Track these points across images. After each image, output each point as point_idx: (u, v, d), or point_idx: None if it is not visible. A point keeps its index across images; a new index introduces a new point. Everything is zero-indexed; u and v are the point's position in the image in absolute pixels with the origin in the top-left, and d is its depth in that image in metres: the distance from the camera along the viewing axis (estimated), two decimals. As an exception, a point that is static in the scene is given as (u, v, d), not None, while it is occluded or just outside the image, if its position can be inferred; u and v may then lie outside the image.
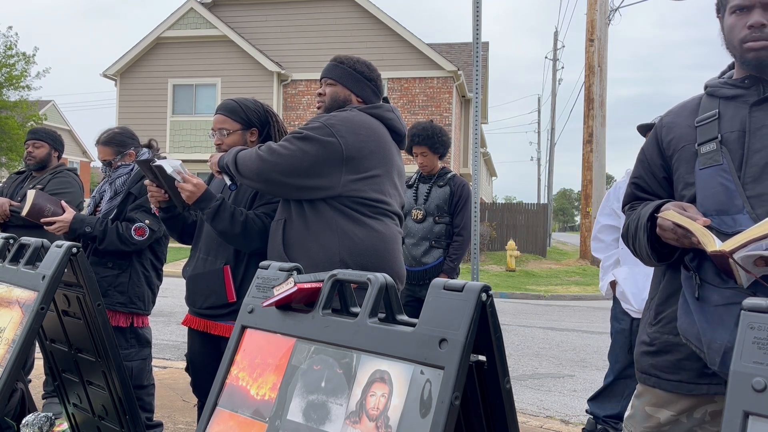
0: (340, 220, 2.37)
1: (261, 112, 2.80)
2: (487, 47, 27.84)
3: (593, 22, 9.52)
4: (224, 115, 2.75)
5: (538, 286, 15.45)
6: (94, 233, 3.15)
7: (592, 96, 9.45)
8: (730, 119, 1.69)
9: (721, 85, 1.77)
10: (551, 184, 33.17)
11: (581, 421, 4.47)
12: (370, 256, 2.38)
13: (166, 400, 4.32)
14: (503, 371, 1.25)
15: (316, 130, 2.37)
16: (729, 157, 1.65)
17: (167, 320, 7.93)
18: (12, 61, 22.65)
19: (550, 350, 7.38)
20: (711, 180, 1.66)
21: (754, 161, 1.62)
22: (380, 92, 2.64)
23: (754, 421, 1.00)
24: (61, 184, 4.06)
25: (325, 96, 2.58)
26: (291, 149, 2.34)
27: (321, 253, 2.35)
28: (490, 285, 1.27)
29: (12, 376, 2.05)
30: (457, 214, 4.20)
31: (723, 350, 1.57)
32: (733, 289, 1.58)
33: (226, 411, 1.50)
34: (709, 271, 1.64)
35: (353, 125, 2.41)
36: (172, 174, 2.55)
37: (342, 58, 2.62)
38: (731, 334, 1.55)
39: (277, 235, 2.46)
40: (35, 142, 4.17)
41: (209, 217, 2.56)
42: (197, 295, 2.76)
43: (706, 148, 1.69)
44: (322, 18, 21.66)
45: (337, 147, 2.35)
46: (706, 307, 1.63)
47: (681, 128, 1.78)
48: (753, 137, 1.64)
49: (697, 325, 1.63)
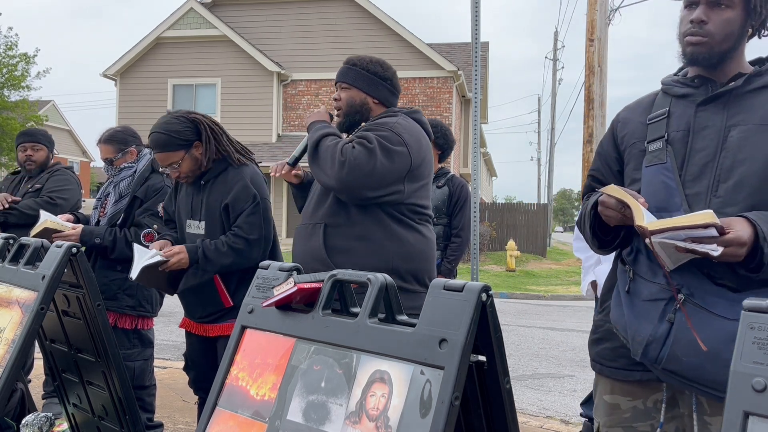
0: (395, 227, 2.38)
1: (190, 126, 2.74)
2: (486, 47, 27.83)
3: (593, 22, 9.52)
4: (164, 152, 2.71)
5: (538, 286, 15.45)
6: (104, 244, 3.16)
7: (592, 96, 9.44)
8: (678, 118, 1.74)
9: (673, 83, 1.81)
10: (551, 184, 33.14)
11: (581, 421, 4.46)
12: (420, 261, 2.41)
13: (166, 400, 4.32)
14: (503, 371, 1.25)
15: (391, 141, 2.33)
16: (673, 156, 1.70)
17: (167, 320, 7.93)
18: (14, 61, 22.64)
19: (550, 350, 7.38)
20: (654, 178, 1.72)
21: (694, 161, 1.67)
22: (397, 90, 2.60)
23: (754, 421, 1.00)
24: (60, 182, 4.06)
25: (341, 101, 2.54)
26: (373, 162, 2.29)
27: (373, 258, 2.34)
28: (490, 285, 1.27)
29: (12, 376, 2.05)
30: (455, 215, 4.18)
31: (645, 343, 1.65)
32: (659, 285, 1.65)
33: (226, 411, 1.50)
34: (643, 265, 1.72)
35: (415, 134, 2.41)
36: (154, 262, 2.60)
37: (354, 60, 2.57)
38: (654, 328, 1.64)
39: (316, 240, 2.40)
40: (34, 144, 4.12)
41: (202, 265, 2.63)
42: (194, 306, 2.78)
43: (653, 146, 1.75)
44: (322, 18, 21.65)
45: (407, 158, 2.35)
46: (635, 301, 1.71)
47: (634, 124, 1.84)
48: (696, 137, 1.69)
49: (625, 317, 1.72)
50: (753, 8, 1.67)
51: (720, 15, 1.67)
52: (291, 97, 22.12)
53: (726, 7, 1.67)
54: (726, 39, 1.68)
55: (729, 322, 1.55)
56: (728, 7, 1.67)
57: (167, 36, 22.21)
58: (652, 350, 1.64)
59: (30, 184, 4.17)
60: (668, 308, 1.63)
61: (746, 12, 1.68)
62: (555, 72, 33.06)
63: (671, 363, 1.61)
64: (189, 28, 22.05)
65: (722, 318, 1.56)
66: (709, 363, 1.56)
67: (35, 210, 4.02)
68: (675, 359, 1.61)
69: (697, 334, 1.57)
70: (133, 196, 3.26)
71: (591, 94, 9.44)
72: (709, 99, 1.70)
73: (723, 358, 1.53)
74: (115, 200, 3.28)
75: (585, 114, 9.53)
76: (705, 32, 1.68)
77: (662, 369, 1.64)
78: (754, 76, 1.69)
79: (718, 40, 1.68)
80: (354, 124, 2.53)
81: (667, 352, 1.62)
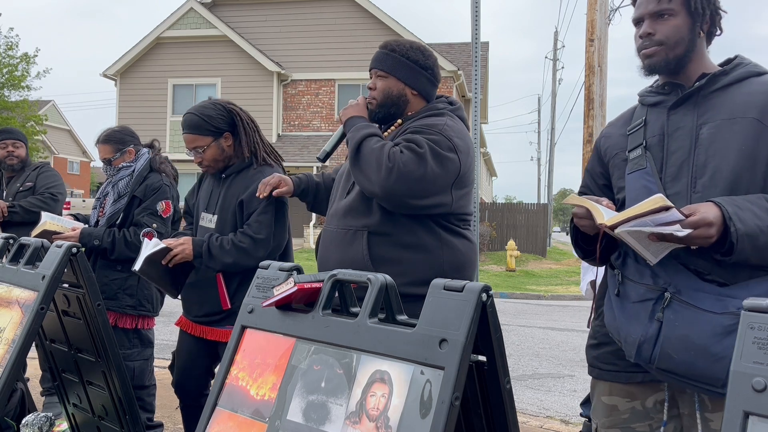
0: (445, 235, 2.23)
1: (225, 115, 2.74)
2: (486, 47, 27.83)
3: (593, 22, 9.52)
4: (192, 133, 2.70)
5: (538, 286, 15.44)
6: (103, 245, 3.16)
7: (592, 96, 9.44)
8: (653, 124, 1.82)
9: (647, 94, 1.90)
10: (551, 184, 33.13)
11: (581, 421, 4.47)
12: (468, 267, 2.30)
13: (166, 400, 4.32)
14: (503, 371, 1.25)
15: (442, 146, 2.15)
16: (652, 160, 1.78)
17: (167, 320, 7.92)
18: (14, 62, 22.65)
19: (550, 350, 7.37)
20: (636, 183, 1.79)
21: (671, 162, 1.75)
22: (437, 81, 2.39)
23: (754, 421, 1.00)
24: (51, 178, 4.31)
25: (375, 91, 2.32)
26: (423, 169, 2.10)
27: (424, 268, 2.17)
28: (490, 285, 1.26)
29: (12, 376, 2.04)
30: None
31: (637, 343, 1.69)
32: (646, 285, 1.71)
33: (226, 411, 1.50)
34: (630, 268, 1.77)
35: (464, 138, 2.24)
36: (158, 250, 2.58)
37: (393, 45, 2.33)
38: (644, 329, 1.68)
39: (358, 247, 2.20)
40: (15, 142, 4.35)
41: (205, 261, 2.60)
42: (192, 303, 2.77)
43: (633, 154, 1.83)
44: (322, 18, 21.65)
45: (456, 165, 2.17)
46: (625, 303, 1.76)
47: (615, 138, 1.93)
48: (670, 139, 1.77)
49: (617, 320, 1.77)
50: (695, 11, 1.76)
51: (665, 24, 1.77)
52: (291, 97, 22.12)
53: (669, 16, 1.77)
54: (677, 44, 1.77)
55: (717, 316, 1.59)
56: (671, 16, 1.77)
57: (167, 36, 22.21)
58: (644, 350, 1.68)
59: (19, 183, 4.27)
60: (656, 308, 1.67)
61: (690, 16, 1.77)
62: (555, 72, 33.06)
63: (663, 361, 1.65)
64: (189, 28, 22.06)
65: (710, 313, 1.60)
66: (700, 358, 1.59)
67: (39, 207, 4.10)
68: (667, 357, 1.64)
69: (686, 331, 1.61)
70: (132, 195, 3.26)
71: (591, 94, 9.44)
72: (679, 102, 1.78)
73: (713, 352, 1.57)
74: (113, 200, 3.28)
75: (585, 114, 9.52)
76: (655, 42, 1.79)
77: (656, 368, 1.68)
78: (719, 75, 1.76)
79: (670, 47, 1.77)
80: (389, 116, 2.33)
81: (659, 351, 1.65)
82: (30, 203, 4.13)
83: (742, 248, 1.54)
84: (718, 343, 1.57)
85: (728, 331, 1.56)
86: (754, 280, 1.61)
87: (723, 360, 1.55)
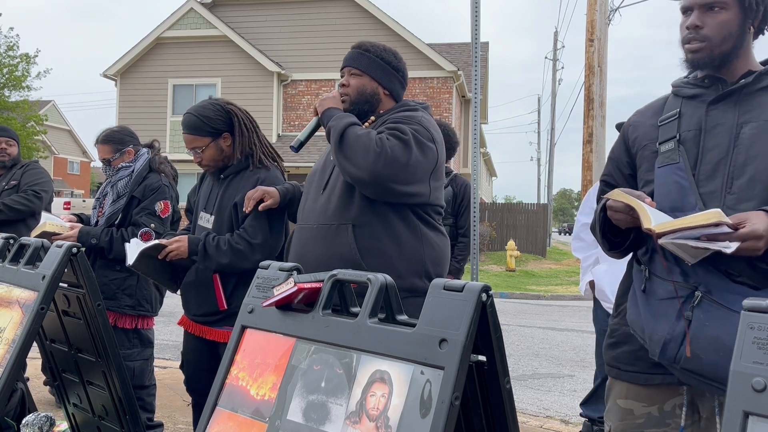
0: (422, 228, 2.26)
1: (224, 115, 2.75)
2: (486, 47, 27.81)
3: (593, 22, 9.52)
4: (191, 134, 2.72)
5: (538, 286, 15.44)
6: (100, 245, 3.16)
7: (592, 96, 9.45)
8: (689, 118, 1.74)
9: (683, 85, 1.81)
10: (551, 184, 33.16)
11: (581, 421, 4.47)
12: (443, 264, 2.33)
13: (166, 400, 4.32)
14: (503, 371, 1.25)
15: (423, 135, 2.20)
16: (685, 155, 1.70)
17: (167, 320, 7.92)
18: (15, 62, 22.66)
19: (550, 350, 7.38)
20: (667, 178, 1.71)
21: (707, 159, 1.67)
22: (406, 84, 2.46)
23: (754, 421, 1.00)
24: (37, 176, 4.32)
25: (349, 87, 2.36)
26: (408, 155, 2.15)
27: (406, 261, 2.21)
28: (490, 285, 1.26)
29: (12, 376, 2.04)
30: (461, 215, 4.17)
31: (663, 342, 1.63)
32: (676, 283, 1.64)
33: (226, 411, 1.50)
34: (658, 264, 1.70)
35: (437, 131, 2.30)
36: (152, 245, 2.59)
37: (367, 46, 2.40)
38: (671, 326, 1.62)
39: (345, 241, 2.21)
40: (8, 140, 4.38)
41: (200, 260, 2.61)
42: (191, 302, 2.78)
43: (665, 147, 1.75)
44: (322, 18, 21.64)
45: (435, 155, 2.23)
46: (651, 300, 1.69)
47: (645, 127, 1.84)
48: (708, 136, 1.69)
49: (641, 316, 1.70)
50: (748, 6, 1.67)
51: (715, 18, 1.68)
52: (291, 97, 22.11)
53: (720, 9, 1.67)
54: (725, 41, 1.68)
55: None
56: (722, 9, 1.67)
57: (167, 36, 22.20)
58: (670, 349, 1.62)
59: (5, 181, 4.29)
60: (686, 306, 1.61)
61: (742, 11, 1.68)
62: (555, 72, 33.06)
63: (690, 362, 1.59)
64: (189, 28, 22.05)
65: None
66: (727, 360, 1.54)
67: (25, 204, 4.13)
68: (694, 358, 1.58)
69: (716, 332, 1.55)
70: (131, 195, 3.26)
71: (591, 94, 9.44)
72: (720, 97, 1.70)
73: None
74: (113, 200, 3.29)
75: (585, 114, 9.52)
76: (702, 37, 1.68)
77: (681, 368, 1.62)
78: (765, 74, 1.69)
79: (717, 43, 1.68)
80: (361, 114, 2.35)
81: (684, 350, 1.59)
82: (13, 200, 4.15)
83: None
84: None
85: None
86: None
87: None
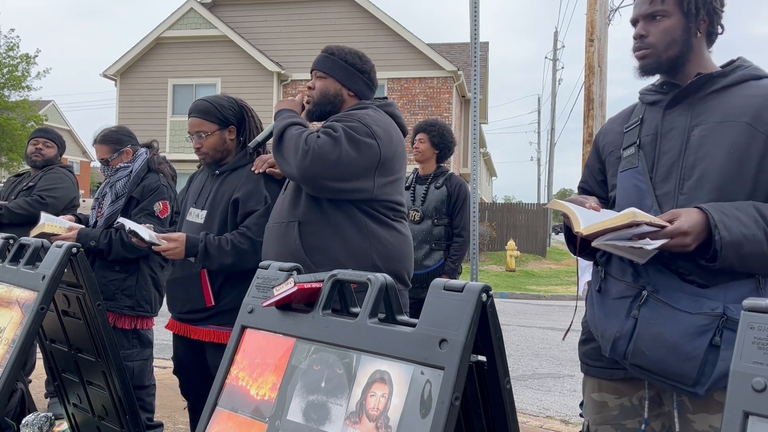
0: (370, 224, 2.29)
1: (236, 109, 2.77)
2: (486, 47, 27.81)
3: (593, 22, 9.52)
4: (199, 117, 2.72)
5: (538, 286, 15.45)
6: (99, 246, 3.15)
7: (592, 96, 9.44)
8: (649, 123, 1.82)
9: (646, 92, 1.89)
10: (551, 184, 33.12)
11: (581, 421, 4.47)
12: (398, 259, 2.35)
13: (166, 400, 4.32)
14: (503, 371, 1.25)
15: (358, 132, 2.24)
16: (644, 159, 1.78)
17: (166, 320, 7.93)
18: (15, 62, 22.67)
19: (550, 350, 7.38)
20: (627, 182, 1.79)
21: (662, 162, 1.74)
22: (374, 85, 2.50)
23: (754, 422, 1.00)
24: (52, 181, 4.18)
25: (314, 90, 2.44)
26: (338, 151, 2.20)
27: (351, 257, 2.26)
28: (490, 285, 1.26)
29: (12, 376, 2.04)
30: (456, 214, 4.17)
31: (613, 339, 1.71)
32: (626, 283, 1.72)
33: (226, 411, 1.50)
34: (614, 265, 1.78)
35: (385, 127, 2.33)
36: (150, 240, 2.60)
37: (333, 49, 2.47)
38: (621, 324, 1.70)
39: (291, 239, 2.30)
40: (47, 141, 4.29)
41: (200, 261, 2.60)
42: (176, 300, 2.77)
43: (627, 152, 1.83)
44: (322, 18, 21.65)
45: (376, 150, 2.26)
46: (605, 299, 1.78)
47: (613, 134, 1.93)
48: (663, 139, 1.76)
49: (596, 315, 1.79)
50: (688, 12, 1.74)
51: (658, 26, 1.76)
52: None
53: (662, 17, 1.76)
54: (669, 46, 1.76)
55: (691, 316, 1.59)
56: (664, 17, 1.76)
57: (167, 36, 22.21)
58: (619, 346, 1.70)
59: (25, 183, 4.22)
60: (633, 305, 1.69)
61: (684, 17, 1.75)
62: (555, 72, 33.05)
63: (636, 358, 1.66)
64: (189, 28, 22.05)
65: (684, 312, 1.61)
66: (671, 356, 1.60)
67: (25, 209, 4.07)
68: (640, 354, 1.65)
69: (660, 329, 1.63)
70: (130, 196, 3.26)
71: (591, 94, 9.44)
72: (673, 102, 1.78)
73: (684, 351, 1.58)
74: (111, 200, 3.28)
75: (585, 114, 9.52)
76: (647, 45, 1.78)
77: (630, 364, 1.69)
78: (717, 76, 1.75)
79: (662, 49, 1.76)
80: (324, 114, 2.44)
81: (633, 347, 1.67)
82: (16, 204, 4.08)
83: (726, 256, 1.54)
84: (689, 342, 1.58)
85: (701, 332, 1.57)
86: (733, 283, 1.61)
87: (694, 359, 1.57)
